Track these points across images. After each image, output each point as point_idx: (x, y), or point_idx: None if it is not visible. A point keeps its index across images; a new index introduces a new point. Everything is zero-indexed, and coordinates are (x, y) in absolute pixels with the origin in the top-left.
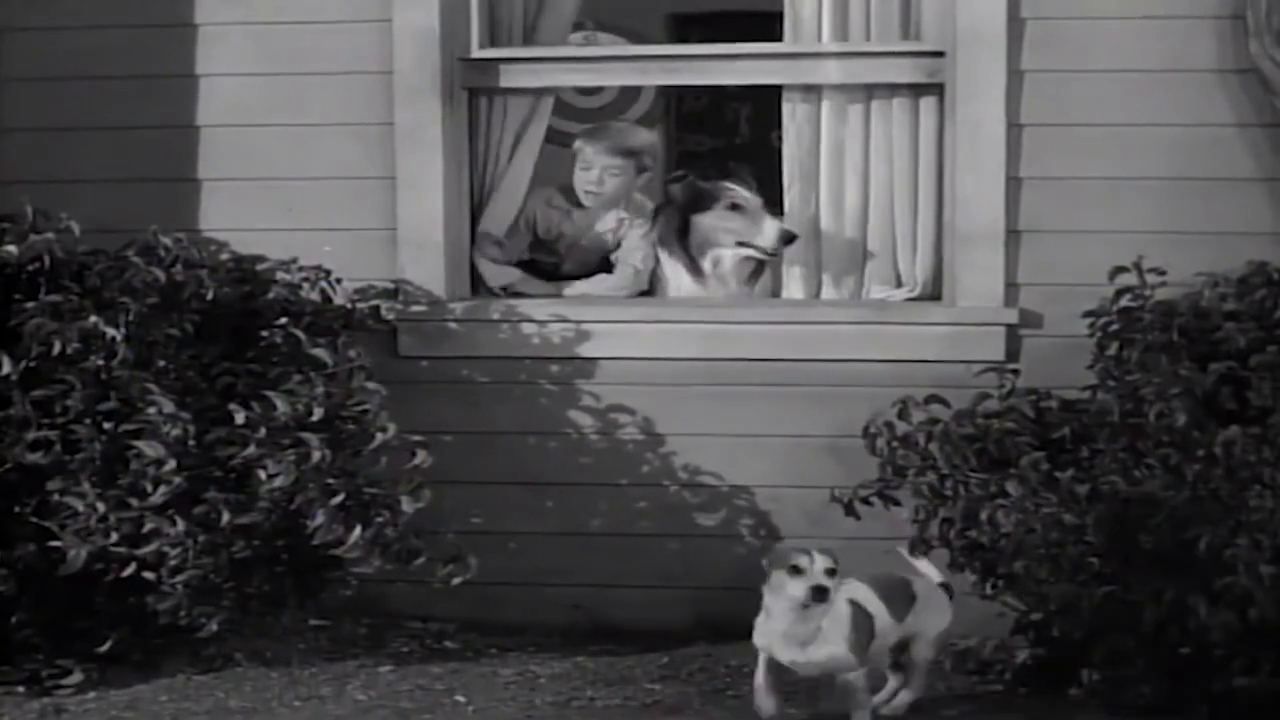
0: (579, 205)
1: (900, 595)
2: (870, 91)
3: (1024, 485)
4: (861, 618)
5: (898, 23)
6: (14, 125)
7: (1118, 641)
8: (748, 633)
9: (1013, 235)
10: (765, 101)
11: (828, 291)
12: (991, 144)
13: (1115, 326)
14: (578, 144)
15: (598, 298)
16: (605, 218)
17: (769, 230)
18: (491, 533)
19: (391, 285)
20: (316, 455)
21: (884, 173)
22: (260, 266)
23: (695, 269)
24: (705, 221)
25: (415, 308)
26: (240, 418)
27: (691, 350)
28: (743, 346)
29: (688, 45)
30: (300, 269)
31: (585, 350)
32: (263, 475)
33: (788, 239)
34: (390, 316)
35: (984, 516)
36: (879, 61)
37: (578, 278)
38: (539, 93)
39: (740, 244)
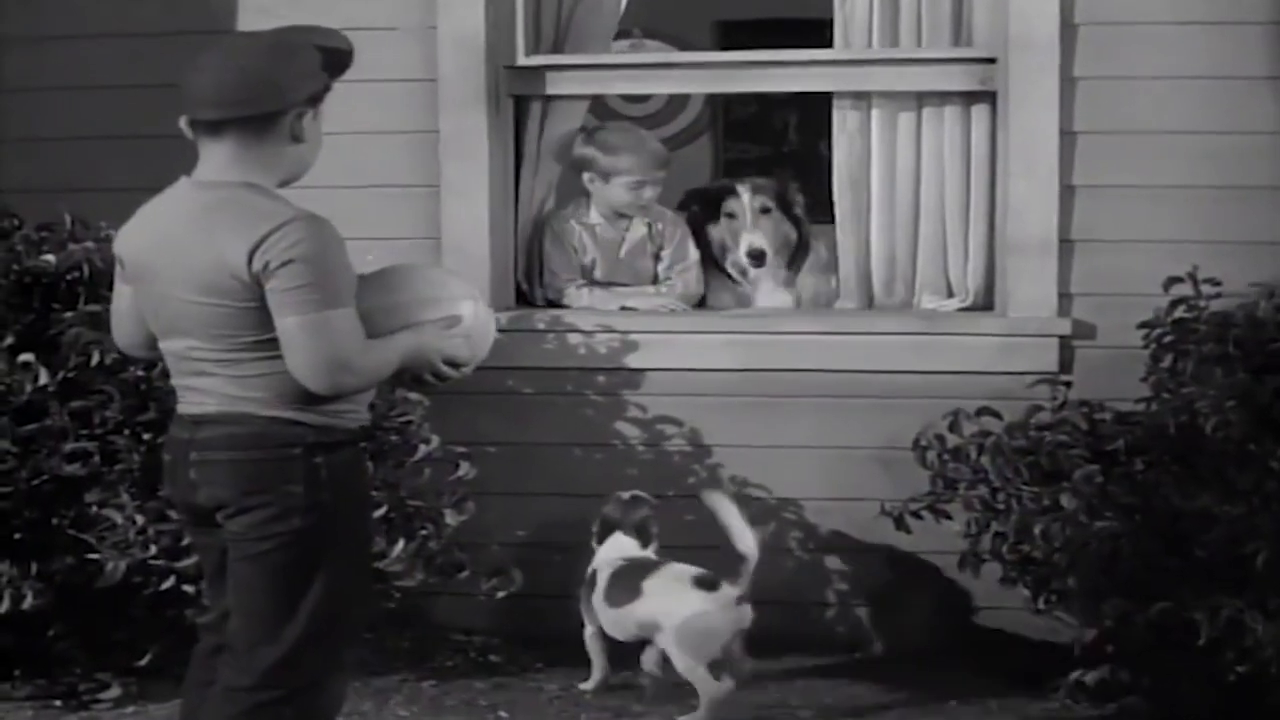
0: (607, 218)
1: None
2: (921, 99)
3: (1078, 499)
4: None
5: (949, 29)
6: (20, 136)
7: (1172, 658)
8: (798, 647)
9: (1065, 244)
10: (814, 110)
11: (878, 302)
12: (1044, 152)
13: (1169, 338)
14: (621, 159)
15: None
16: (635, 227)
17: (743, 244)
18: (536, 545)
19: None
20: None
21: (935, 181)
22: None
23: (722, 277)
24: (714, 233)
25: None
26: None
27: (739, 361)
28: (791, 357)
29: (736, 52)
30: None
31: (632, 361)
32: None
33: (754, 255)
34: None
35: (1037, 531)
36: (930, 69)
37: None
38: (585, 100)
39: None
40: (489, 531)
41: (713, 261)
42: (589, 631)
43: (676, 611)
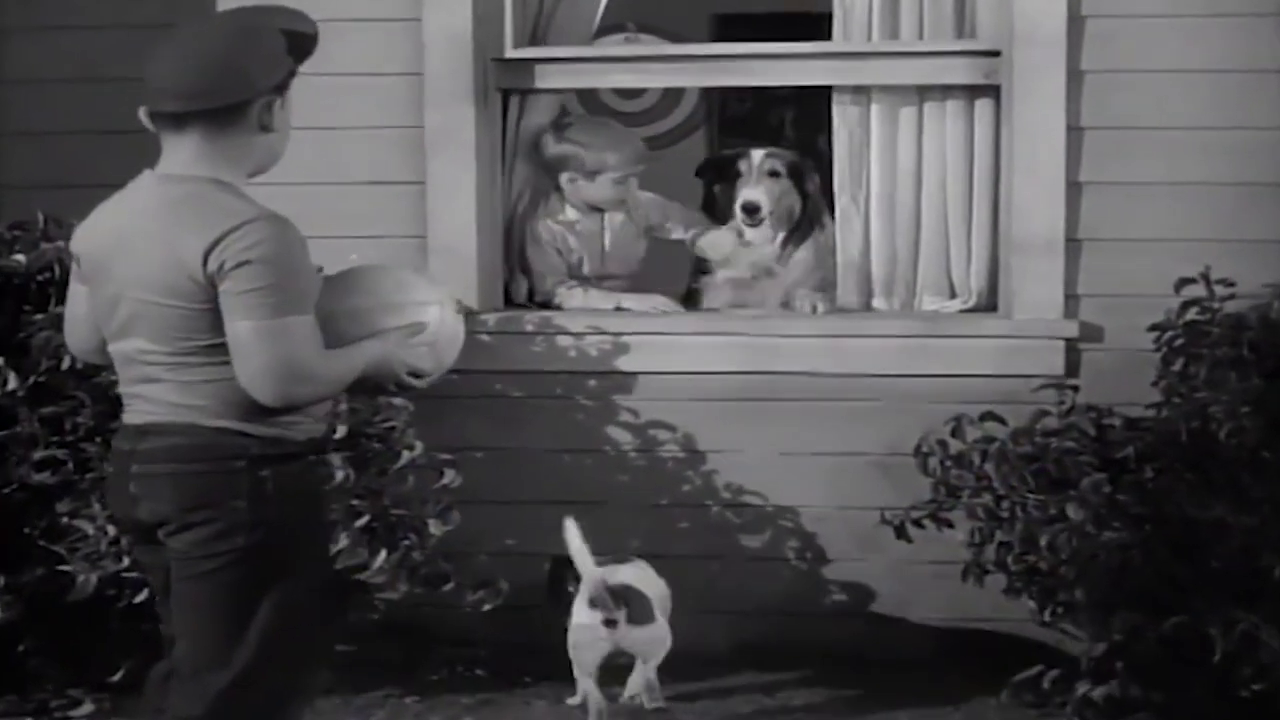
0: (583, 213)
1: None
2: (923, 93)
3: (1086, 508)
4: None
5: (951, 21)
6: (21, 129)
7: (1184, 673)
8: (796, 659)
9: (1072, 244)
10: (812, 105)
11: (878, 303)
12: (1050, 148)
13: (1181, 340)
14: (606, 155)
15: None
16: (612, 216)
17: (740, 198)
18: (526, 554)
19: None
20: (340, 475)
21: (937, 178)
22: None
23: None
24: (720, 195)
25: None
26: None
27: (734, 364)
28: (788, 360)
29: (732, 45)
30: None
31: (623, 364)
32: None
33: (748, 208)
34: None
35: (1044, 542)
36: (932, 62)
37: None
38: (558, 95)
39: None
40: (476, 540)
41: (716, 224)
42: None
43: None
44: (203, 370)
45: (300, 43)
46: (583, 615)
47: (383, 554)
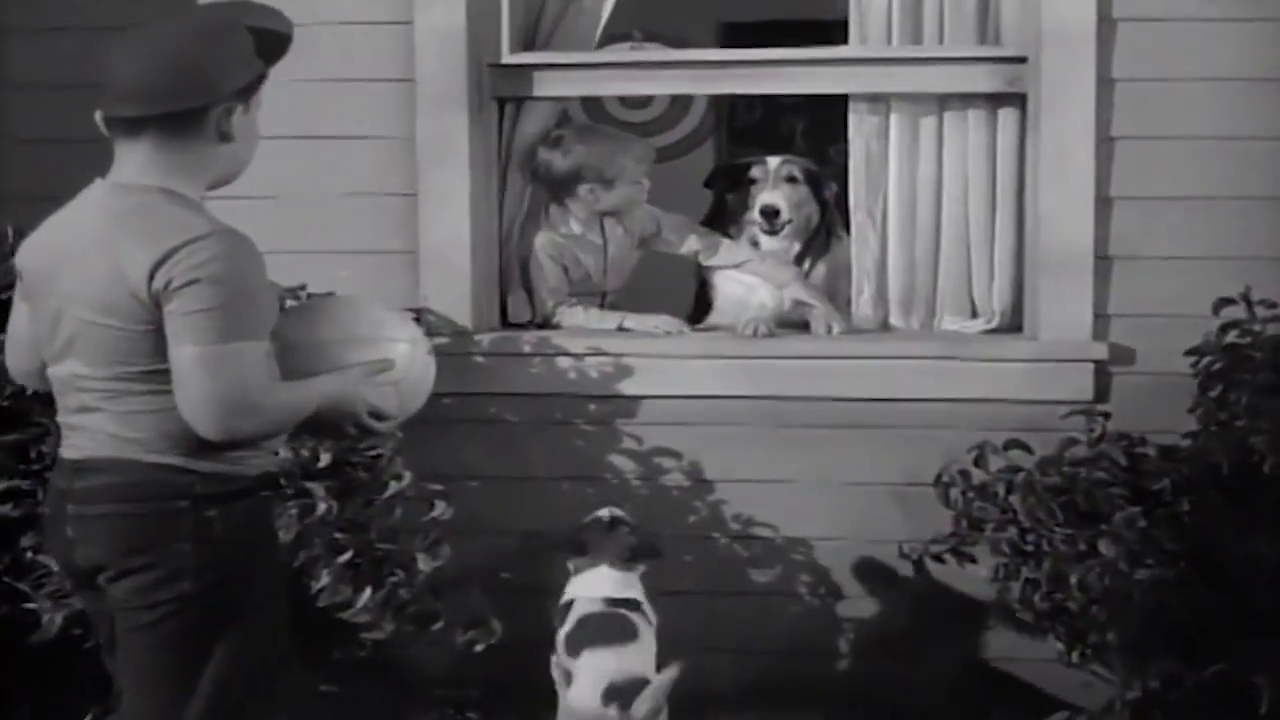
0: (586, 225)
1: None
2: (944, 101)
3: (1119, 544)
4: None
5: (974, 25)
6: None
7: None
8: (808, 700)
9: (1102, 261)
10: (824, 115)
11: (895, 322)
12: (1079, 159)
13: (1220, 365)
14: (623, 160)
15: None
16: (611, 225)
17: (758, 203)
18: (522, 589)
19: (412, 314)
20: (322, 507)
21: (959, 191)
22: None
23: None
24: (733, 202)
25: (438, 339)
26: None
27: (743, 387)
28: (801, 384)
29: (742, 50)
30: (310, 296)
31: (626, 387)
32: None
33: (767, 212)
34: None
35: (1074, 580)
36: (954, 68)
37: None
38: (557, 103)
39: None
40: (469, 573)
41: (725, 235)
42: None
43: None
44: (143, 400)
45: (271, 43)
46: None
47: (367, 592)
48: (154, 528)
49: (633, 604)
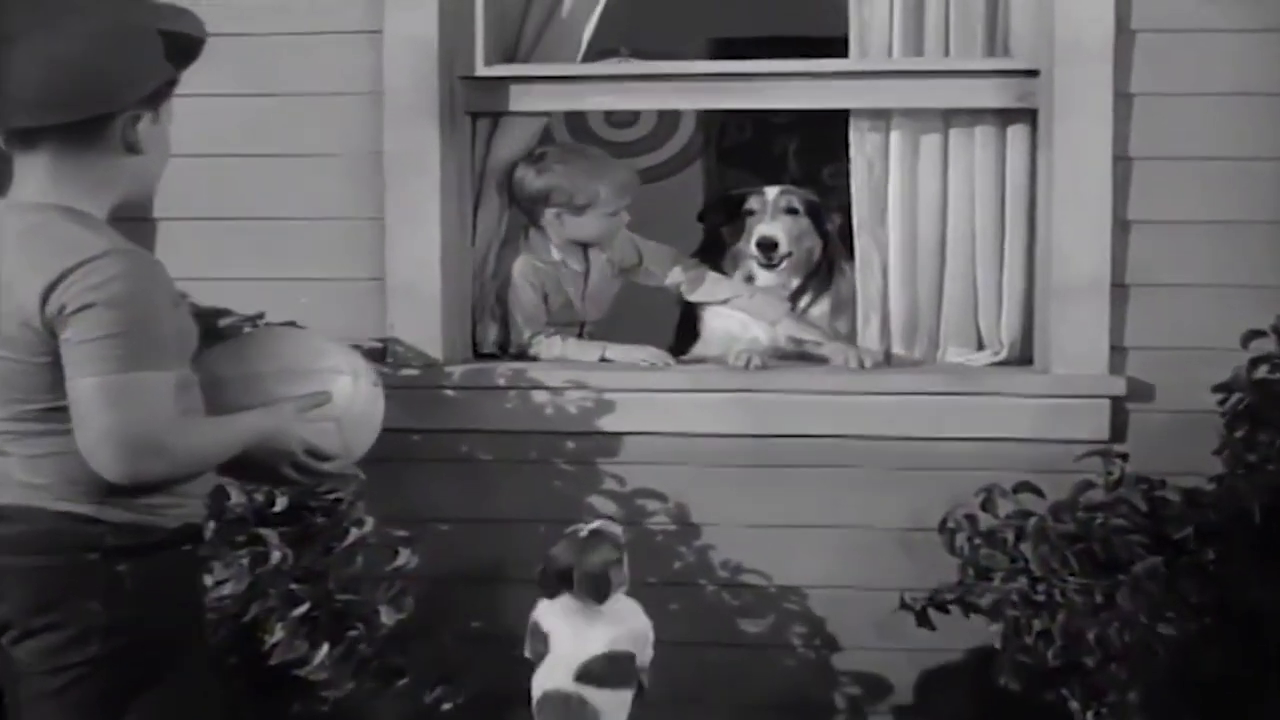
0: (567, 253)
1: None
2: (949, 118)
3: (1139, 597)
4: None
5: (982, 37)
6: None
7: None
8: None
9: (1119, 289)
10: (819, 134)
11: (897, 354)
12: (1095, 180)
13: (1248, 402)
14: (597, 186)
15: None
16: (594, 255)
17: (755, 235)
18: (495, 638)
19: (379, 344)
20: (276, 555)
21: (964, 214)
22: (223, 322)
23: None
24: (728, 236)
25: (406, 371)
26: None
27: (733, 424)
28: (794, 420)
29: (733, 63)
30: (268, 325)
31: (607, 424)
32: (209, 580)
33: (765, 245)
34: None
35: (1091, 636)
36: (960, 82)
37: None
38: (540, 118)
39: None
40: (439, 621)
41: (719, 269)
42: None
43: None
44: (46, 441)
45: (183, 46)
46: None
47: (325, 647)
48: (61, 583)
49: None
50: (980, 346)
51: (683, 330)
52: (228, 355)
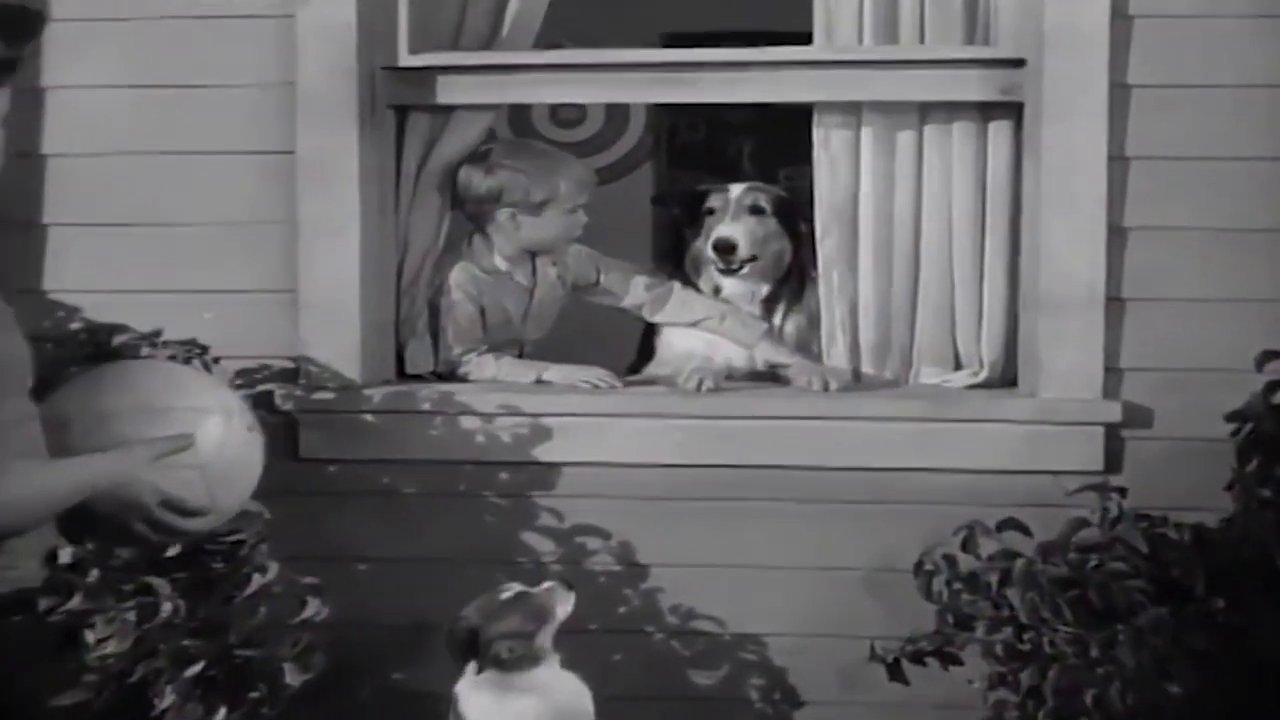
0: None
1: None
2: (925, 112)
3: (1143, 651)
4: None
5: (962, 23)
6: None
7: None
8: None
9: (1114, 303)
10: (777, 133)
11: (866, 375)
12: (1087, 182)
13: (1262, 431)
14: (556, 181)
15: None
16: (543, 266)
17: (712, 236)
18: (420, 694)
19: (291, 364)
20: (168, 608)
21: (941, 219)
22: (118, 340)
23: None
24: (691, 239)
25: (321, 395)
26: (65, 555)
27: (685, 454)
28: (751, 449)
29: (686, 51)
30: (166, 344)
31: (543, 453)
32: (90, 638)
33: (721, 246)
34: (288, 406)
35: (1089, 697)
36: (937, 73)
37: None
38: (487, 111)
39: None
40: (355, 675)
41: (683, 278)
42: None
43: None
44: None
45: (19, 21)
46: None
47: (222, 712)
48: None
49: None
50: (958, 366)
51: (645, 348)
52: (77, 389)
